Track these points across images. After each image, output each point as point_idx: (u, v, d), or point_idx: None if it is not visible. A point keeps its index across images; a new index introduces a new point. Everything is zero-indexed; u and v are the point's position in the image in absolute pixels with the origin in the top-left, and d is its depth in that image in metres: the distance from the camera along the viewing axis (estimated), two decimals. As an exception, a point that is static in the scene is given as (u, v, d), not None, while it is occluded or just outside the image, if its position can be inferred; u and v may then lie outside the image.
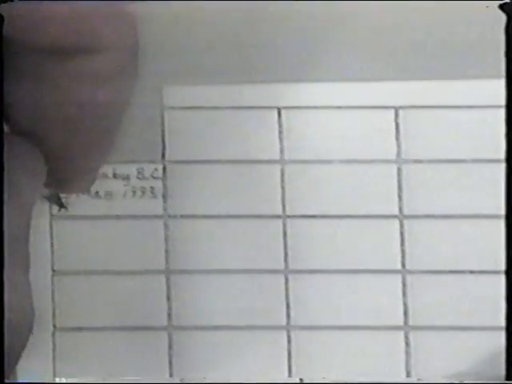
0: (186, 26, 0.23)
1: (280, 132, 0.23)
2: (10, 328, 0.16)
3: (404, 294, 0.23)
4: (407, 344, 0.23)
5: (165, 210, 0.24)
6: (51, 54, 0.17)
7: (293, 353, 0.23)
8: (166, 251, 0.23)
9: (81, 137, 0.19)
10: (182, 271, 0.23)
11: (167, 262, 0.23)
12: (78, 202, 0.23)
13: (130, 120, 0.19)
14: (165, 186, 0.24)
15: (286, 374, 0.23)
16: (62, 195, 0.23)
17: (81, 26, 0.16)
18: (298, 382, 0.23)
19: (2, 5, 0.16)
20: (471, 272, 0.23)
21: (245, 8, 0.23)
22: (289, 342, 0.23)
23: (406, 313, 0.23)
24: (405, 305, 0.23)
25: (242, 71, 0.23)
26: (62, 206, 0.23)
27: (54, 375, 0.23)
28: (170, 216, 0.24)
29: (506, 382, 0.20)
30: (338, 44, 0.23)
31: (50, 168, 0.19)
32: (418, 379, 0.23)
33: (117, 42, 0.17)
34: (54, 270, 0.23)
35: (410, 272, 0.23)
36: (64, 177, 0.20)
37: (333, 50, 0.23)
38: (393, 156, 0.23)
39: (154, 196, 0.24)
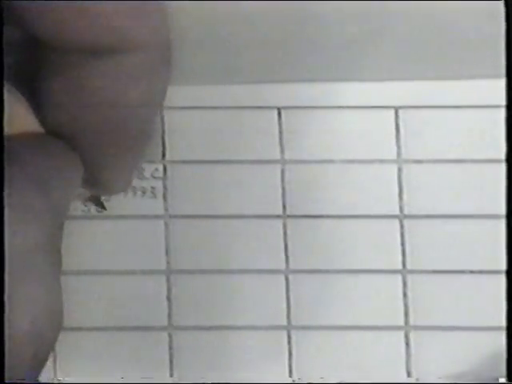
0: (185, 26, 0.23)
1: (280, 132, 0.23)
2: (39, 328, 0.16)
3: (404, 294, 0.23)
4: (407, 344, 0.23)
5: (165, 210, 0.24)
6: (84, 53, 0.16)
7: (293, 353, 0.23)
8: (166, 251, 0.23)
9: (114, 137, 0.19)
10: (182, 271, 0.23)
11: (167, 262, 0.23)
12: (77, 202, 0.23)
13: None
14: (165, 185, 0.24)
15: (287, 373, 0.23)
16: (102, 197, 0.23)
17: (113, 24, 0.16)
18: (293, 382, 0.23)
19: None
20: (471, 272, 0.23)
21: (245, 8, 0.23)
22: (289, 342, 0.23)
23: (406, 313, 0.23)
24: (405, 305, 0.23)
25: (242, 71, 0.23)
26: (103, 207, 0.23)
27: (54, 375, 0.23)
28: (170, 216, 0.24)
29: (506, 382, 0.20)
30: (337, 44, 0.23)
31: (88, 169, 0.19)
32: (418, 379, 0.23)
33: (149, 41, 0.17)
34: (54, 270, 0.23)
35: (410, 272, 0.23)
36: (101, 178, 0.20)
37: (333, 50, 0.23)
38: (393, 156, 0.23)
39: (155, 196, 0.24)
